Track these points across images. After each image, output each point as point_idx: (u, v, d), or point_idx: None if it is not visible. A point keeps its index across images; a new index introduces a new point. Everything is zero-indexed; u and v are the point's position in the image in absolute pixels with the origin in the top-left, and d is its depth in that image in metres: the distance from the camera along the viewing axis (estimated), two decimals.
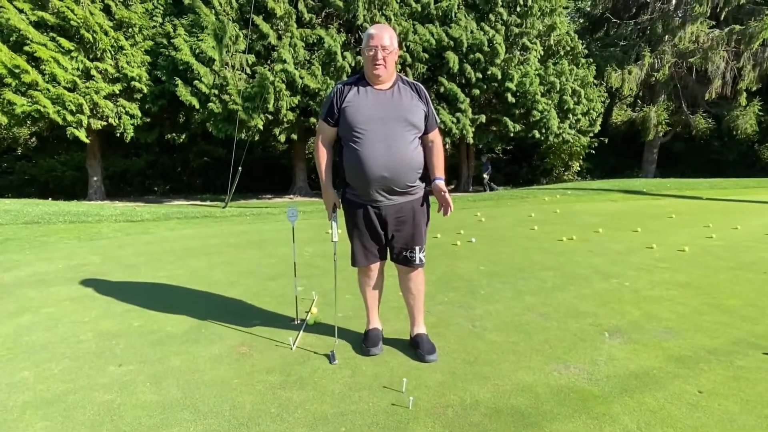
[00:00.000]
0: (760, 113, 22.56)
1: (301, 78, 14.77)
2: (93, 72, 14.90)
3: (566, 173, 23.62)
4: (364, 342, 2.83)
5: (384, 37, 2.44)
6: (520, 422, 2.07)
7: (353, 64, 15.57)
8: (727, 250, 5.42)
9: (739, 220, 7.49)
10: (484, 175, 20.28)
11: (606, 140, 22.49)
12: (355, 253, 2.71)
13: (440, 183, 2.61)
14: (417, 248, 2.69)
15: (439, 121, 2.87)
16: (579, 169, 23.96)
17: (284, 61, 14.52)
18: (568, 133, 18.96)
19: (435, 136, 2.69)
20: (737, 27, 21.02)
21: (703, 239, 6.05)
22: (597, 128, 20.38)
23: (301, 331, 3.07)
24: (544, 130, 18.05)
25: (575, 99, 18.42)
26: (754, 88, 21.84)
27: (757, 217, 8.08)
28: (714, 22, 22.02)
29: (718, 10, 21.53)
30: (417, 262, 2.72)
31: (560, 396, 2.27)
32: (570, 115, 18.59)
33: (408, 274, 2.78)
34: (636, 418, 2.09)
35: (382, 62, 2.46)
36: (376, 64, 2.47)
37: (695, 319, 3.26)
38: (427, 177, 2.67)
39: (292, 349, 2.82)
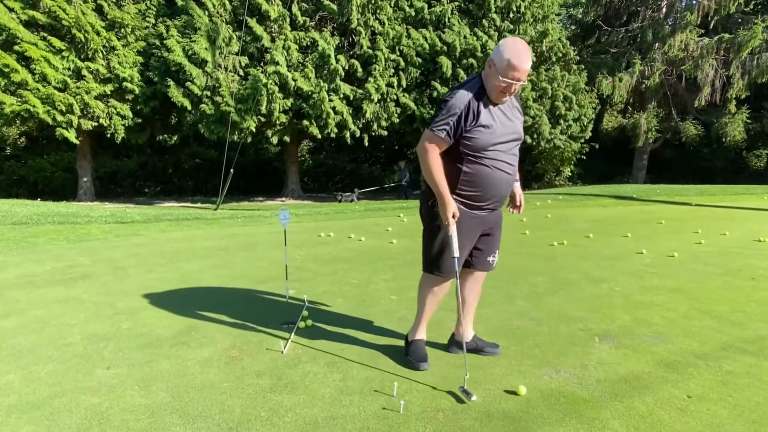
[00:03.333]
0: (749, 121, 22.85)
1: (294, 80, 14.75)
2: (84, 72, 14.77)
3: (557, 178, 23.74)
4: (409, 354, 2.70)
5: (526, 70, 2.32)
6: (511, 426, 2.07)
7: (346, 67, 15.58)
8: (716, 256, 5.48)
9: (727, 227, 7.57)
10: (403, 182, 19.96)
11: (597, 146, 22.64)
12: (452, 263, 2.53)
13: (518, 185, 2.73)
14: (497, 251, 2.77)
15: None
16: (570, 174, 24.09)
17: (277, 64, 14.49)
18: (560, 139, 19.09)
19: None
20: (726, 36, 21.30)
21: (692, 245, 6.11)
22: (588, 134, 20.53)
23: (292, 335, 3.06)
24: (535, 136, 18.15)
25: (567, 105, 18.56)
26: (743, 96, 22.12)
27: (745, 223, 8.17)
28: (703, 31, 22.30)
29: (708, 18, 21.81)
30: (494, 265, 2.79)
31: (551, 400, 2.28)
32: (561, 121, 18.72)
33: (480, 278, 2.82)
34: (625, 422, 2.10)
35: (511, 93, 2.41)
36: (505, 95, 2.39)
37: (684, 324, 3.29)
38: None
39: (282, 352, 2.80)
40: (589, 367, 2.62)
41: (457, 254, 2.48)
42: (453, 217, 2.43)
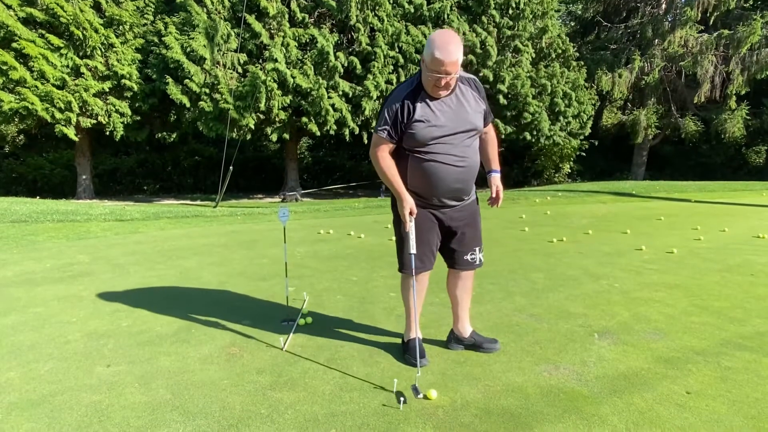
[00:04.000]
0: (748, 117, 22.85)
1: (293, 77, 14.73)
2: (83, 69, 14.75)
3: (557, 175, 23.75)
4: (408, 353, 2.68)
5: (453, 62, 2.22)
6: (510, 423, 2.07)
7: (345, 64, 15.56)
8: (715, 252, 5.48)
9: (726, 223, 7.58)
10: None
11: (596, 142, 22.65)
12: (409, 259, 2.52)
13: (496, 176, 2.63)
14: (477, 249, 2.72)
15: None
16: (569, 171, 24.10)
17: (276, 61, 14.47)
18: (559, 136, 19.09)
19: (489, 128, 2.65)
20: (726, 32, 21.27)
21: (692, 241, 6.11)
22: (587, 131, 20.54)
23: (292, 332, 3.06)
24: (535, 132, 18.16)
25: (566, 101, 18.56)
26: (743, 92, 22.11)
27: (744, 219, 8.17)
28: (703, 27, 22.27)
29: (708, 14, 21.77)
30: (478, 263, 2.74)
31: (550, 397, 2.28)
32: (561, 118, 18.73)
33: (465, 276, 2.78)
34: (625, 418, 2.10)
35: (445, 87, 2.33)
36: (439, 89, 2.34)
37: (683, 320, 3.29)
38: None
39: (282, 350, 2.81)
40: (588, 364, 2.62)
41: (413, 251, 2.47)
42: (411, 214, 2.45)
